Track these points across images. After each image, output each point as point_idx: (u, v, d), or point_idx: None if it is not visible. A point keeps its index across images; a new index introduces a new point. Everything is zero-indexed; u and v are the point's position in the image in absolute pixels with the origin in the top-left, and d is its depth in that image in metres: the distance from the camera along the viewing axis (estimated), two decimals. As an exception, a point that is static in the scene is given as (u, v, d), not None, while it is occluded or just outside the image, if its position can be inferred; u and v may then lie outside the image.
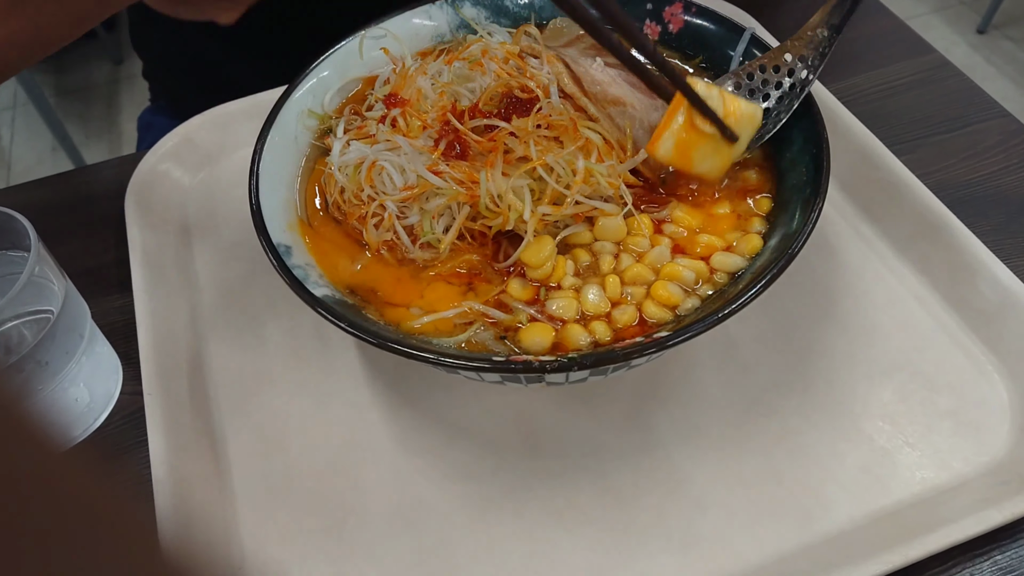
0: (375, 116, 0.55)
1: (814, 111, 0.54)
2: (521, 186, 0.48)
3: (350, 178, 0.52)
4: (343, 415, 0.57)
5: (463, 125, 0.50)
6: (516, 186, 0.48)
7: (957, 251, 0.59)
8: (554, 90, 0.51)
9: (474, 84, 0.55)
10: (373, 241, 0.51)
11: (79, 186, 0.75)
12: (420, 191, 0.49)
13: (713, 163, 0.52)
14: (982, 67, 2.33)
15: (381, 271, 0.50)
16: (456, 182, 0.48)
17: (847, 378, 0.56)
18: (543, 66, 0.53)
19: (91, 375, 0.57)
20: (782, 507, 0.50)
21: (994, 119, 0.72)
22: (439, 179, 0.48)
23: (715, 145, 0.51)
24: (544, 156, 0.48)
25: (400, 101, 0.53)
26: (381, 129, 0.51)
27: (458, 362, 0.43)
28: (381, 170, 0.50)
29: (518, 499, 0.52)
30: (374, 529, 0.51)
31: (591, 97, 0.51)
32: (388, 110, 0.53)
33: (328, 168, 0.53)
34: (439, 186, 0.48)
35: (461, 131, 0.49)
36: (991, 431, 0.52)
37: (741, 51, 0.59)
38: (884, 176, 0.64)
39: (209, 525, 0.52)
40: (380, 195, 0.50)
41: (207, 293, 0.65)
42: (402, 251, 0.51)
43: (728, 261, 0.50)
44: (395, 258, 0.51)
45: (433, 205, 0.49)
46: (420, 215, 0.50)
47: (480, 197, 0.48)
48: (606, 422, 0.55)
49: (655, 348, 0.43)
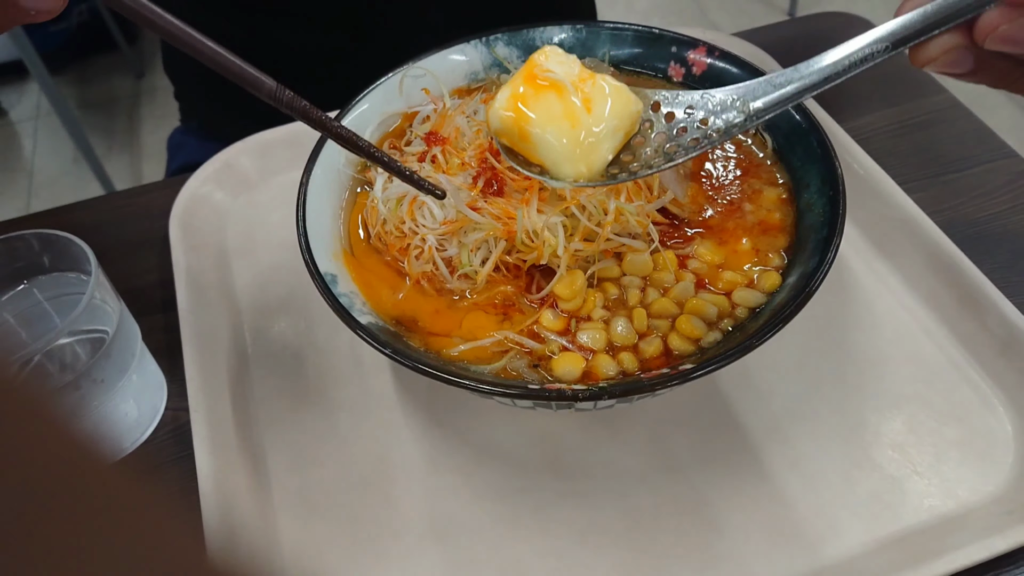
0: (415, 151, 0.58)
1: (831, 153, 0.57)
2: (555, 223, 0.51)
3: (392, 211, 0.55)
4: (377, 434, 0.59)
5: (500, 163, 0.53)
6: (551, 223, 0.51)
7: (965, 288, 0.61)
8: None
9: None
10: (413, 272, 0.54)
11: (124, 208, 0.79)
12: (459, 226, 0.52)
13: (558, 160, 0.46)
14: (992, 94, 2.36)
15: (421, 301, 0.54)
16: (493, 217, 0.52)
17: (859, 407, 0.59)
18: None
19: (140, 391, 0.60)
20: (796, 531, 0.53)
21: (1003, 159, 0.75)
22: (477, 215, 0.51)
23: (567, 127, 0.45)
24: (578, 196, 0.51)
25: (440, 139, 0.56)
26: (422, 168, 0.55)
27: (496, 389, 0.46)
28: (422, 205, 0.54)
29: (544, 518, 0.55)
30: (407, 544, 0.54)
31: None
32: (429, 147, 0.56)
33: (371, 201, 0.57)
34: (478, 221, 0.51)
35: (499, 169, 0.53)
36: (996, 462, 0.55)
37: None
38: (896, 213, 0.67)
39: (251, 537, 0.55)
40: (421, 228, 0.53)
41: (247, 314, 0.68)
42: (440, 281, 0.54)
43: (749, 297, 0.53)
44: (434, 288, 0.54)
45: (471, 239, 0.52)
46: (459, 248, 0.53)
47: (516, 232, 0.51)
48: (628, 445, 0.57)
49: (679, 380, 0.46)
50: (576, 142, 0.46)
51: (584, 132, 0.46)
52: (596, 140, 0.46)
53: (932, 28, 0.41)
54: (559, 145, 0.46)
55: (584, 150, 0.46)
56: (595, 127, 0.46)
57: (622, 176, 0.47)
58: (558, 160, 0.46)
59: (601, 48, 0.67)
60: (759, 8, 2.61)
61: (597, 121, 0.46)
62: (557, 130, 0.46)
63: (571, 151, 0.46)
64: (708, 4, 2.66)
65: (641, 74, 0.67)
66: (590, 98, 0.46)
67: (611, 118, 0.46)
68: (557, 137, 0.46)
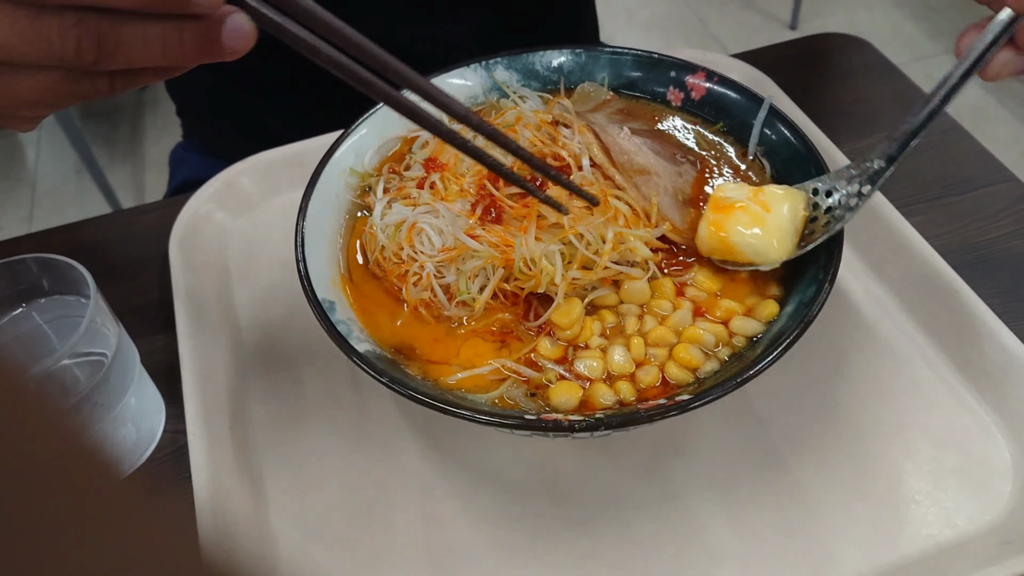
0: (413, 176, 0.59)
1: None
2: (553, 251, 0.51)
3: (390, 237, 0.55)
4: (376, 459, 0.59)
5: (498, 191, 0.54)
6: (548, 251, 0.51)
7: (964, 314, 0.61)
8: (586, 162, 0.54)
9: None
10: (411, 299, 0.54)
11: (124, 227, 0.79)
12: (457, 253, 0.52)
13: (762, 251, 0.55)
14: (994, 108, 2.36)
15: (419, 328, 0.54)
16: (491, 245, 0.52)
17: (857, 435, 0.58)
18: (574, 135, 0.56)
19: (138, 414, 0.60)
20: (794, 560, 0.53)
21: (1002, 183, 0.75)
22: (475, 243, 0.52)
23: (758, 228, 0.55)
24: (576, 225, 0.51)
25: (439, 166, 0.56)
26: (421, 195, 0.55)
27: (493, 419, 0.46)
28: (420, 231, 0.54)
29: (542, 545, 0.55)
30: (405, 571, 0.54)
31: (619, 167, 0.54)
32: (427, 173, 0.57)
33: (370, 227, 0.57)
34: (476, 249, 0.52)
35: (497, 197, 0.53)
36: (995, 491, 0.55)
37: (761, 119, 0.63)
38: (894, 238, 0.67)
39: (249, 561, 0.55)
40: (419, 255, 0.53)
41: (247, 334, 0.68)
42: (438, 308, 0.54)
43: (746, 326, 0.53)
44: (432, 315, 0.54)
45: (469, 266, 0.52)
46: (457, 275, 0.53)
47: (514, 260, 0.51)
48: (626, 472, 0.57)
49: (677, 411, 0.46)
50: (769, 233, 0.55)
51: (770, 226, 0.55)
52: (780, 228, 0.55)
53: (990, 49, 0.50)
54: (756, 241, 0.55)
55: (777, 238, 0.55)
56: (775, 218, 0.55)
57: (808, 248, 0.55)
58: (760, 251, 0.55)
59: (600, 72, 0.67)
60: (760, 21, 2.61)
61: (777, 214, 0.55)
62: (750, 232, 0.55)
63: (767, 241, 0.55)
64: (709, 17, 2.67)
65: (640, 98, 0.67)
66: (766, 203, 0.55)
67: (784, 208, 0.56)
68: (753, 236, 0.55)
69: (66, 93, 0.39)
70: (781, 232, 0.55)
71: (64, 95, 0.39)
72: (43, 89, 0.39)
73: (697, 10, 2.71)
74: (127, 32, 0.36)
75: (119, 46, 0.36)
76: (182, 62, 0.38)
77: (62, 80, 0.38)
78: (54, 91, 0.39)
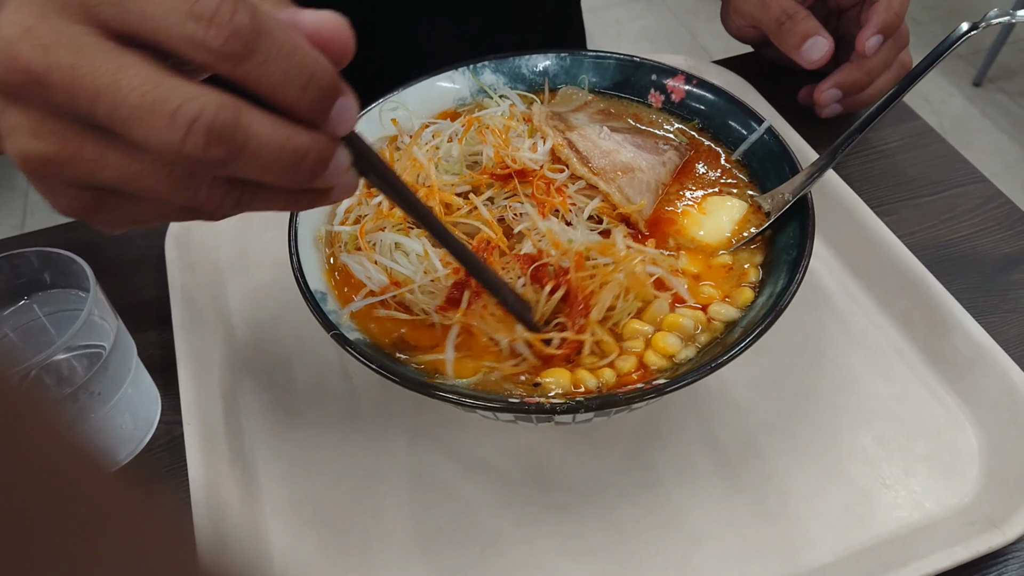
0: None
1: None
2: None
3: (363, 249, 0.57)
4: (366, 447, 0.61)
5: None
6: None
7: (934, 308, 0.64)
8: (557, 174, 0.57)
9: (482, 151, 0.61)
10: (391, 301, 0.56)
11: (121, 227, 0.81)
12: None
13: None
14: (977, 119, 2.40)
15: (404, 319, 0.56)
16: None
17: (832, 423, 0.61)
18: (544, 142, 0.59)
19: (135, 404, 0.62)
20: (770, 542, 0.55)
21: (972, 184, 0.77)
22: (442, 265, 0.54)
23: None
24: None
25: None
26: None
27: (476, 402, 0.48)
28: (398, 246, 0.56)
29: (527, 530, 0.56)
30: (394, 555, 0.56)
31: (600, 174, 0.57)
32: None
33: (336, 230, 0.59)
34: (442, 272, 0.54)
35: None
36: (961, 475, 0.57)
37: (753, 140, 0.65)
38: (868, 236, 0.69)
39: (243, 546, 0.56)
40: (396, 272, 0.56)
41: (240, 330, 0.70)
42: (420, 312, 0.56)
43: (724, 311, 0.55)
44: (412, 315, 0.56)
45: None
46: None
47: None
48: (609, 460, 0.59)
49: (654, 394, 0.48)
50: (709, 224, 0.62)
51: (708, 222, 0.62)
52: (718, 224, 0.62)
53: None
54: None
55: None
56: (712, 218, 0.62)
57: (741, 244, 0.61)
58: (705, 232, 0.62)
59: (583, 75, 0.69)
60: (748, 33, 2.65)
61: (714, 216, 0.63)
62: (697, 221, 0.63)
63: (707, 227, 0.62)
64: (698, 29, 2.71)
65: (623, 99, 0.70)
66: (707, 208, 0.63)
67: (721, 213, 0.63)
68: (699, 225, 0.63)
69: (177, 219, 0.40)
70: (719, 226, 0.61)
71: (174, 219, 0.40)
72: (162, 216, 0.39)
73: (686, 23, 2.75)
74: (263, 194, 0.37)
75: (251, 204, 0.37)
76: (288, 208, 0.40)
77: (181, 212, 0.38)
78: (170, 218, 0.39)
